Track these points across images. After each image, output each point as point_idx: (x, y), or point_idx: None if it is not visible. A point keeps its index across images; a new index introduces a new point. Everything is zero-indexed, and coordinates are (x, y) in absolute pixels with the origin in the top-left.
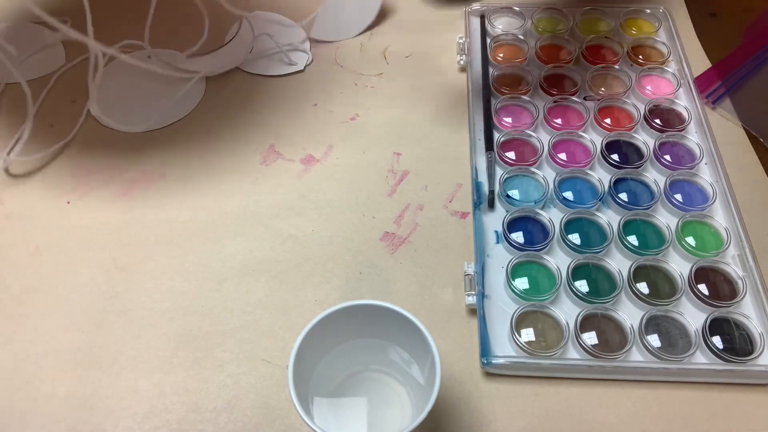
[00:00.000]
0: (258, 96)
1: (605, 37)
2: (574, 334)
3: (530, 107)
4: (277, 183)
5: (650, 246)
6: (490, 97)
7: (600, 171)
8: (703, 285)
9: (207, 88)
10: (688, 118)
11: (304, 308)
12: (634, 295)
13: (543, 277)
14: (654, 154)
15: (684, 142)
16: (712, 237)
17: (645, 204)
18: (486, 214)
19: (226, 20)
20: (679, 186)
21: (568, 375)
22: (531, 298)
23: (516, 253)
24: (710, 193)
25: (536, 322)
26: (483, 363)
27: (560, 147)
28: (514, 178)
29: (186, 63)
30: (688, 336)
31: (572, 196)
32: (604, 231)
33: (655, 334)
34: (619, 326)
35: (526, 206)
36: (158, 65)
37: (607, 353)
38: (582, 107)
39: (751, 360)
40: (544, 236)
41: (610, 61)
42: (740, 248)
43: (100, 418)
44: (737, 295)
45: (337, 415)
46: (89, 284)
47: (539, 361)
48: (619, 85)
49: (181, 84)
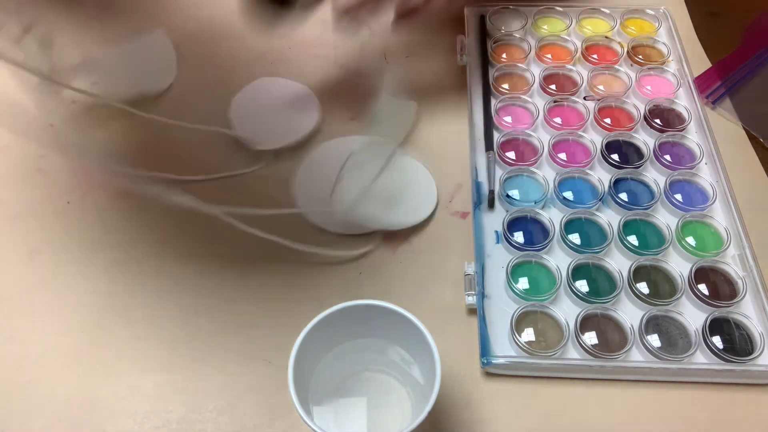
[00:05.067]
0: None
1: (605, 37)
2: (574, 334)
3: (530, 107)
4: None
5: (650, 246)
6: (490, 97)
7: (600, 171)
8: (703, 285)
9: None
10: (688, 118)
11: (304, 308)
12: (634, 295)
13: (543, 277)
14: (654, 154)
15: (684, 142)
16: (712, 237)
17: (645, 204)
18: (486, 214)
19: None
20: (679, 186)
21: (568, 375)
22: (531, 298)
23: (516, 253)
24: (710, 193)
25: (536, 322)
26: (483, 363)
27: (560, 147)
28: (514, 178)
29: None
30: (688, 336)
31: (572, 196)
32: (604, 231)
33: (655, 333)
34: (619, 326)
35: (526, 206)
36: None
37: (607, 353)
38: (582, 107)
39: (751, 360)
40: (544, 236)
41: (610, 61)
42: (740, 248)
43: (100, 418)
44: (737, 295)
45: (337, 415)
46: (89, 284)
47: (539, 361)
48: (619, 84)
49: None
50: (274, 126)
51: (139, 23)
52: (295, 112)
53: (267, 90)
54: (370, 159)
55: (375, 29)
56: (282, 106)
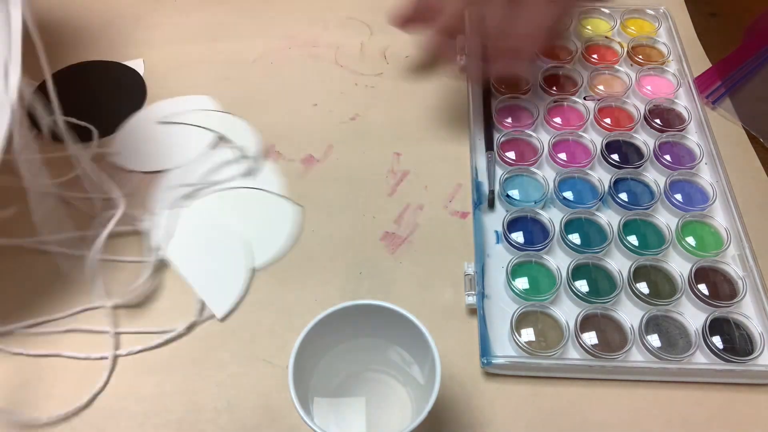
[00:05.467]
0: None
1: (605, 37)
2: (574, 334)
3: (530, 107)
4: (278, 183)
5: (650, 246)
6: (490, 97)
7: (600, 171)
8: (703, 285)
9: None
10: (688, 118)
11: (304, 308)
12: (634, 295)
13: (543, 277)
14: (654, 154)
15: (684, 142)
16: (712, 237)
17: (645, 204)
18: (486, 214)
19: None
20: (679, 186)
21: (568, 375)
22: (531, 298)
23: (516, 253)
24: (710, 193)
25: (536, 322)
26: (483, 363)
27: (560, 147)
28: (514, 178)
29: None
30: (688, 336)
31: (572, 196)
32: (604, 231)
33: (655, 333)
34: (619, 326)
35: (526, 206)
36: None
37: (607, 353)
38: (582, 107)
39: (751, 360)
40: (544, 236)
41: (610, 61)
42: (740, 248)
43: (100, 418)
44: (737, 295)
45: (337, 415)
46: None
47: (539, 361)
48: (619, 85)
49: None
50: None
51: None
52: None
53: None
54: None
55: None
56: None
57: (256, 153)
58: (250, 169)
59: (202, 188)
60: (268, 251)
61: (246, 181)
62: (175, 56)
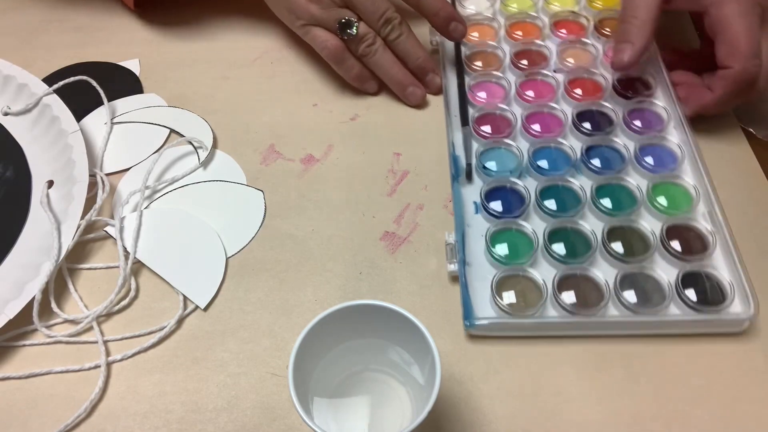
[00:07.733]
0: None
1: (572, 12)
2: (553, 295)
3: (503, 82)
4: (277, 183)
5: (623, 207)
6: (464, 75)
7: (572, 140)
8: (675, 241)
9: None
10: (654, 85)
11: (304, 308)
12: (609, 255)
13: (521, 242)
14: (624, 120)
15: (652, 108)
16: (682, 196)
17: (617, 168)
18: (464, 187)
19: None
20: (649, 149)
21: (549, 333)
22: (510, 263)
23: (495, 221)
24: (679, 154)
25: (516, 285)
26: (466, 325)
27: (533, 119)
28: (490, 150)
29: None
30: (662, 290)
31: (546, 164)
32: (578, 196)
33: (630, 290)
34: (596, 284)
35: (502, 176)
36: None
37: (584, 310)
38: (553, 80)
39: (723, 309)
40: (521, 204)
41: (577, 35)
42: (709, 205)
43: (100, 418)
44: (708, 249)
45: (337, 415)
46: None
47: (520, 320)
48: (587, 57)
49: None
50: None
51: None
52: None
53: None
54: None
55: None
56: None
57: (209, 144)
58: (206, 161)
59: (162, 186)
60: (239, 237)
61: (204, 174)
62: (174, 56)
